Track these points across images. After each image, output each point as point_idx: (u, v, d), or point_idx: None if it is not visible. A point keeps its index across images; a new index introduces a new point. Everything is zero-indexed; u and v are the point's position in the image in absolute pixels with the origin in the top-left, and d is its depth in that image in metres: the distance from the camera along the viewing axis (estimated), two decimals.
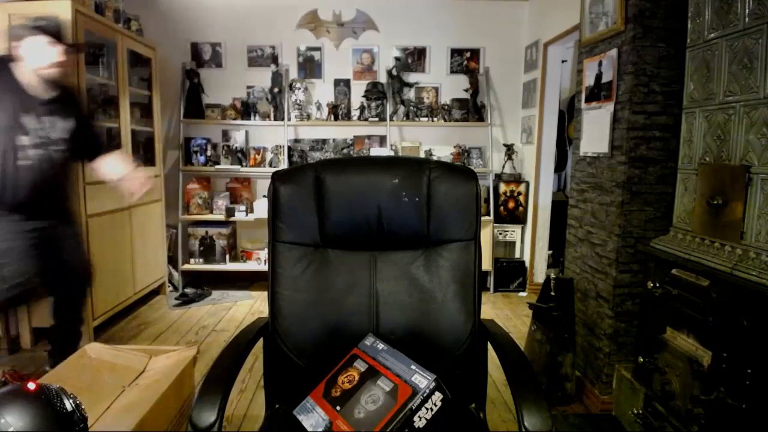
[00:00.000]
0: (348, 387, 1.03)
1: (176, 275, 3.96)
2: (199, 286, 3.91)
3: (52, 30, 1.96)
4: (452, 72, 4.18)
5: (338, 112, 4.03)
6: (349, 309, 1.26)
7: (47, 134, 2.00)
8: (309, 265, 1.28)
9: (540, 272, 3.93)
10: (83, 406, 0.99)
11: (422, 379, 0.95)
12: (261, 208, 3.96)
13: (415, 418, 0.92)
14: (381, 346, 1.10)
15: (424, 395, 0.93)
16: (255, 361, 2.54)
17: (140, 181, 2.27)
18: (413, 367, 1.00)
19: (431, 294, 1.26)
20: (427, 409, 0.93)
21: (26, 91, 1.96)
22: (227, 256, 3.95)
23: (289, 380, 1.25)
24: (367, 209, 1.28)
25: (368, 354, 1.09)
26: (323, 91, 4.15)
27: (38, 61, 1.93)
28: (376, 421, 0.92)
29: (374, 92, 4.01)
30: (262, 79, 4.06)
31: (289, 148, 4.04)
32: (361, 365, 1.07)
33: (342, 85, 4.15)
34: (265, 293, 3.81)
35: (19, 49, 1.93)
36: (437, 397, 0.94)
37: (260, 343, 1.29)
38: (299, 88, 4.02)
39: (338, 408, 0.99)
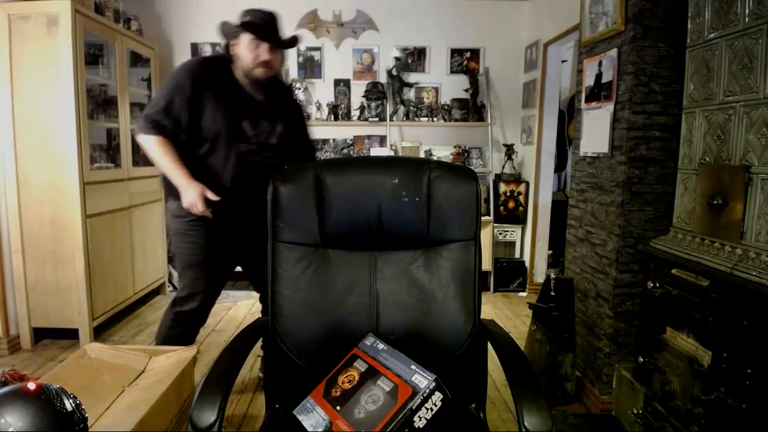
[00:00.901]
0: (348, 387, 1.03)
1: (176, 275, 3.95)
2: None
3: (262, 24, 1.77)
4: (452, 72, 4.18)
5: (338, 112, 4.03)
6: (349, 309, 1.26)
7: (265, 140, 1.86)
8: (309, 265, 1.28)
9: (540, 272, 3.93)
10: (83, 406, 0.99)
11: (422, 379, 0.95)
12: None
13: (415, 418, 0.92)
14: (381, 346, 1.10)
15: (424, 395, 0.93)
16: (255, 361, 2.54)
17: None
18: (413, 367, 1.00)
19: (431, 294, 1.26)
20: (427, 409, 0.93)
21: (243, 94, 1.82)
22: None
23: (289, 380, 1.25)
24: (367, 209, 1.28)
25: (368, 354, 1.09)
26: (323, 91, 4.15)
27: (248, 60, 1.77)
28: (376, 421, 0.92)
29: (374, 92, 4.01)
30: None
31: None
32: (361, 365, 1.07)
33: (342, 85, 4.15)
34: None
35: (237, 48, 1.78)
36: (437, 397, 0.94)
37: (260, 342, 1.29)
38: (299, 88, 4.02)
39: (338, 408, 0.99)
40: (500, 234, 4.11)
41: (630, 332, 2.08)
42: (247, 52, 1.76)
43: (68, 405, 0.91)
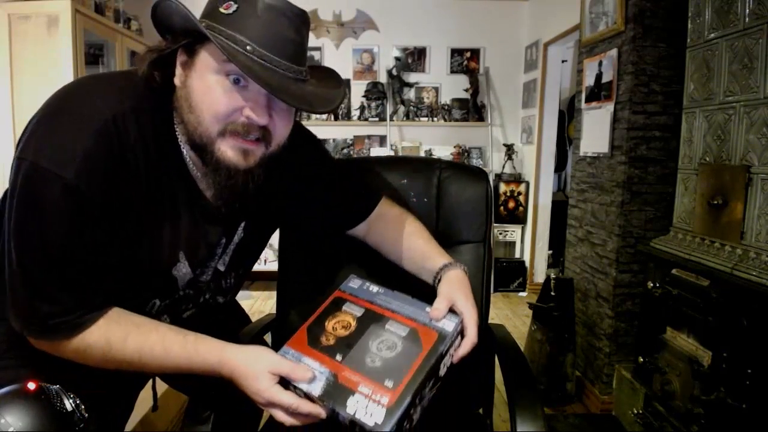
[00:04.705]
0: (344, 334, 0.89)
1: None
2: None
3: (268, 35, 0.80)
4: (452, 72, 4.18)
5: (338, 111, 4.03)
6: None
7: (214, 293, 0.97)
8: (318, 264, 1.27)
9: (540, 272, 3.93)
10: (83, 406, 0.98)
11: (448, 322, 0.86)
12: None
13: (441, 365, 0.83)
14: (375, 288, 0.97)
15: (453, 338, 0.84)
16: None
17: None
18: (428, 309, 0.89)
19: None
20: (450, 355, 0.87)
21: (192, 193, 0.85)
22: None
23: None
24: None
25: (360, 297, 0.96)
26: None
27: (206, 116, 0.76)
28: (403, 369, 0.80)
29: (374, 92, 4.01)
30: None
31: None
32: (354, 309, 0.94)
33: None
34: (266, 293, 3.81)
35: (185, 79, 0.81)
36: (459, 341, 0.88)
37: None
38: None
39: (339, 357, 0.85)
40: (500, 234, 4.11)
41: (630, 332, 2.08)
42: (208, 94, 0.73)
43: (68, 405, 0.91)
